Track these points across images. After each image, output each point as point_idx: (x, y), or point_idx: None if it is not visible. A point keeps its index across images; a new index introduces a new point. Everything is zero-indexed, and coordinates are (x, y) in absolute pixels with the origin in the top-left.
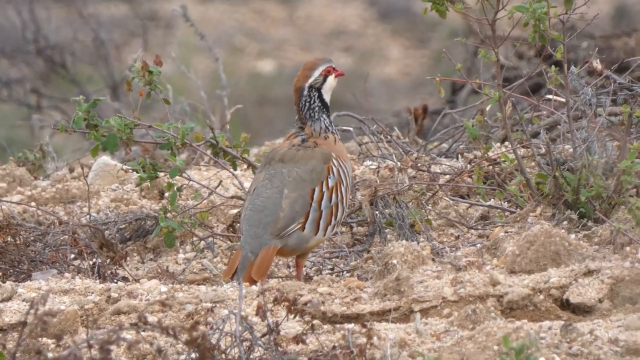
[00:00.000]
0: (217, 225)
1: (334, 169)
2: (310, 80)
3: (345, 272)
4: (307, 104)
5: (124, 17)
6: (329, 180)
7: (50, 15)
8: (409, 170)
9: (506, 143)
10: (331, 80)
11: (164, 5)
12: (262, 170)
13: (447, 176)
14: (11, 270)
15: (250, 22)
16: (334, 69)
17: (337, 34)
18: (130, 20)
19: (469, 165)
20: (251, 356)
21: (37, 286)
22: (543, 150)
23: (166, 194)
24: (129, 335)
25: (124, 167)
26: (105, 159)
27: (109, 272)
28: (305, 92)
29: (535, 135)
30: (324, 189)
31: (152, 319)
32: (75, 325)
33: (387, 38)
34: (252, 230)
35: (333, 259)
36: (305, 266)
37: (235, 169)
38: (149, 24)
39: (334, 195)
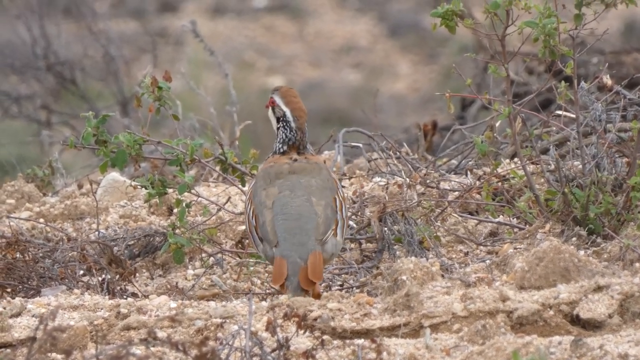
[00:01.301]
0: (226, 242)
1: (337, 180)
2: None
3: (354, 288)
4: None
5: (133, 33)
6: (340, 190)
7: (60, 31)
8: (418, 186)
9: (515, 159)
10: None
11: (174, 21)
12: (270, 185)
13: (456, 192)
14: (20, 287)
15: (260, 38)
16: None
17: (346, 49)
18: (140, 36)
19: (478, 182)
20: None
21: (47, 302)
22: (552, 167)
23: (175, 210)
24: (138, 350)
25: (133, 183)
26: (114, 175)
27: (118, 288)
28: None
29: (545, 151)
30: (340, 197)
31: (161, 334)
32: (84, 341)
33: (397, 54)
34: (294, 238)
35: (342, 275)
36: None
37: (244, 185)
38: (159, 40)
39: (344, 205)
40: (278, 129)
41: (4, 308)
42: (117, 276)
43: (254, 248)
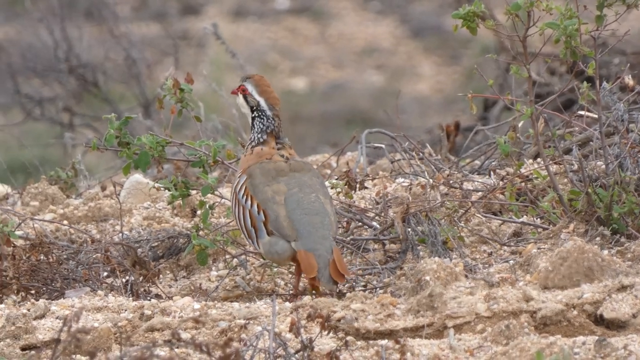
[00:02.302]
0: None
1: None
2: None
3: (378, 288)
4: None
5: (155, 36)
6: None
7: (82, 34)
8: (441, 187)
9: (538, 159)
10: None
11: (196, 24)
12: (275, 182)
13: (480, 193)
14: (44, 288)
15: (283, 40)
16: None
17: (369, 51)
18: (162, 39)
19: (501, 182)
20: None
21: (71, 304)
22: (575, 167)
23: (198, 212)
24: (162, 352)
25: (156, 185)
26: (137, 177)
27: (142, 289)
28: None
29: (568, 151)
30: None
31: (185, 335)
32: (108, 343)
33: (419, 55)
34: (318, 232)
35: (366, 276)
36: (347, 281)
37: None
38: (181, 42)
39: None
40: (253, 118)
41: (28, 310)
42: (141, 278)
43: (249, 242)
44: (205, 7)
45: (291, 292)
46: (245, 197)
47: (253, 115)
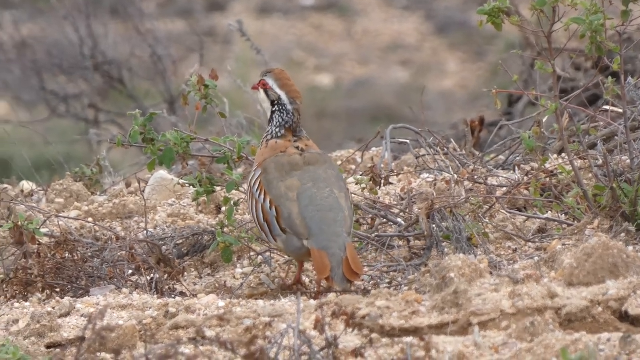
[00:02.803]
0: None
1: None
2: None
3: (403, 285)
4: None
5: (181, 32)
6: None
7: (107, 31)
8: (466, 183)
9: (563, 155)
10: None
11: (222, 21)
12: (288, 177)
13: (504, 189)
14: (69, 286)
15: (308, 36)
16: None
17: (394, 48)
18: (187, 36)
19: (525, 178)
20: None
21: (95, 302)
22: (600, 162)
23: (223, 209)
24: (187, 349)
25: (181, 181)
26: (162, 173)
27: (166, 287)
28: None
29: (593, 146)
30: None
31: (210, 333)
32: (133, 340)
33: (444, 51)
34: (330, 229)
35: (391, 273)
36: (362, 280)
37: None
38: (207, 39)
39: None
40: (273, 112)
41: (53, 308)
42: (166, 275)
43: (263, 236)
44: (231, 3)
45: (315, 289)
46: (259, 191)
47: (274, 109)
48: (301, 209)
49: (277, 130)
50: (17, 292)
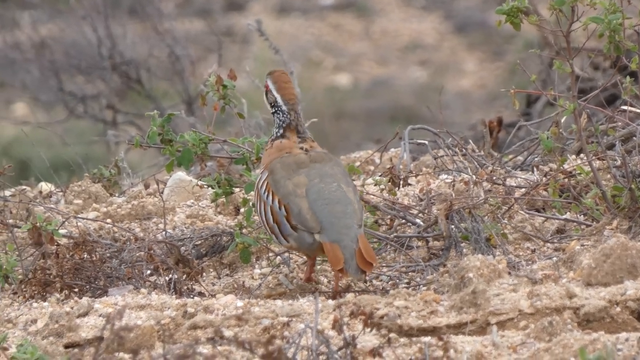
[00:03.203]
0: None
1: None
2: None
3: (421, 285)
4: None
5: (199, 32)
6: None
7: (125, 31)
8: (485, 183)
9: (581, 155)
10: None
11: (240, 20)
12: (295, 175)
13: (523, 189)
14: (88, 286)
15: (327, 36)
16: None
17: (412, 47)
18: (206, 35)
19: (544, 178)
20: None
21: (114, 302)
22: (619, 162)
23: (242, 210)
24: (205, 349)
25: (199, 182)
26: (180, 174)
27: (185, 287)
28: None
29: (611, 147)
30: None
31: (228, 333)
32: (151, 340)
33: (463, 51)
34: (341, 221)
35: (409, 273)
36: (381, 280)
37: None
38: (225, 39)
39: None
40: (273, 114)
41: (72, 308)
42: (184, 276)
43: (275, 240)
44: (250, 3)
45: (334, 289)
46: (267, 193)
47: (272, 110)
48: (310, 203)
49: (277, 130)
50: (36, 292)
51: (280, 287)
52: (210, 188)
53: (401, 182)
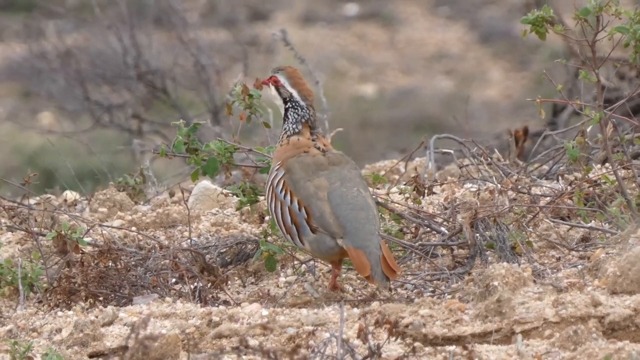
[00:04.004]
0: None
1: None
2: None
3: (446, 294)
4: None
5: (224, 42)
6: None
7: (151, 40)
8: (510, 192)
9: (607, 164)
10: None
11: (265, 30)
12: (315, 177)
13: (548, 198)
14: (112, 295)
15: (352, 46)
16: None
17: (438, 57)
18: (231, 45)
19: (569, 187)
20: None
21: (138, 310)
22: None
23: (266, 218)
24: (230, 358)
25: (224, 191)
26: (205, 183)
27: (210, 296)
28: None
29: (636, 156)
30: None
31: (253, 342)
32: (176, 349)
33: (488, 61)
34: (365, 227)
35: (434, 281)
36: (406, 288)
37: None
38: (250, 49)
39: None
40: (287, 109)
41: (96, 317)
42: (209, 284)
43: (287, 239)
44: (275, 13)
45: (359, 297)
46: (284, 192)
47: (287, 106)
48: (333, 207)
49: (294, 126)
50: (61, 300)
51: (306, 296)
52: (235, 196)
53: (426, 191)
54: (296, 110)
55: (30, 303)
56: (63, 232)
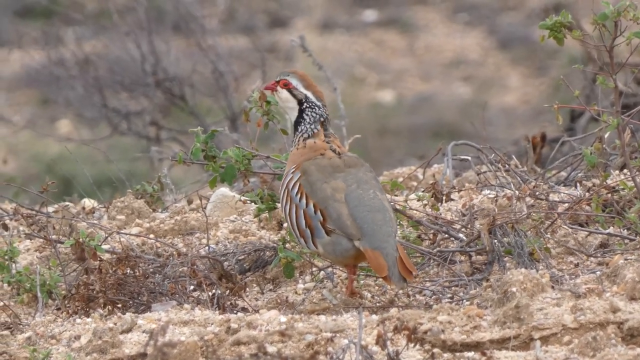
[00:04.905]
0: None
1: None
2: None
3: (464, 300)
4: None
5: (243, 49)
6: None
7: (169, 47)
8: (528, 198)
9: (625, 170)
10: None
11: (284, 36)
12: (332, 179)
13: (566, 204)
14: (131, 302)
15: (370, 52)
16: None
17: (456, 63)
18: (249, 52)
19: (587, 193)
20: None
21: (157, 317)
22: None
23: (285, 225)
24: None
25: (243, 198)
26: (223, 190)
27: (228, 303)
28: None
29: None
30: None
31: (271, 349)
32: (195, 356)
33: (507, 67)
34: (382, 229)
35: (452, 288)
36: (424, 295)
37: None
38: (269, 55)
39: None
40: (303, 110)
41: (115, 324)
42: (228, 291)
43: (301, 242)
44: (293, 19)
45: (378, 304)
46: (299, 195)
47: (302, 107)
48: (351, 209)
49: (312, 126)
50: (79, 307)
51: (324, 302)
52: (253, 203)
53: (444, 198)
54: (314, 110)
55: (49, 310)
56: (81, 239)
